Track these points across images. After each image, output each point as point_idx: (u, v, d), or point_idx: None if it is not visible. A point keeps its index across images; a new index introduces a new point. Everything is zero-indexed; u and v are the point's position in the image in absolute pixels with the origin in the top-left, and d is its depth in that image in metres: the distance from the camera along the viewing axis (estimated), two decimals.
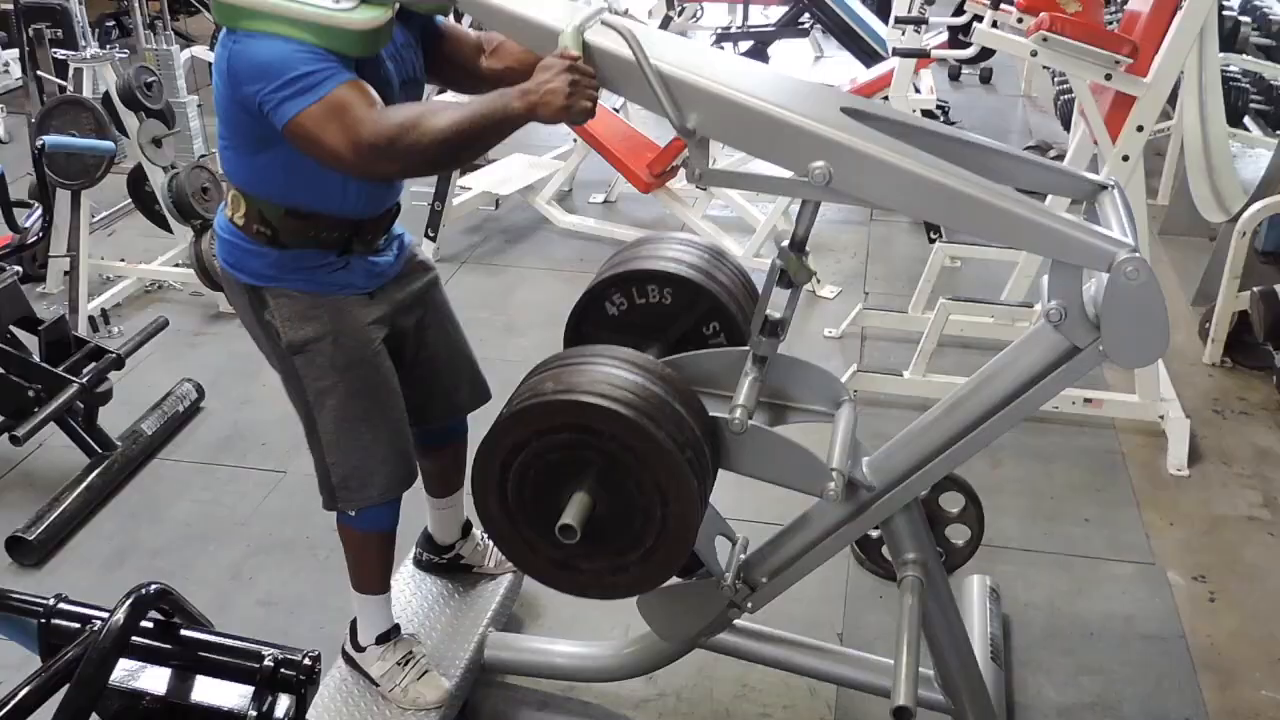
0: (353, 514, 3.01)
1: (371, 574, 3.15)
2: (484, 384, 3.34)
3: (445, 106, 2.50)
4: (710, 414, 2.54)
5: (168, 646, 2.14)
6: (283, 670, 2.05)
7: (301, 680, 2.06)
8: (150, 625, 2.13)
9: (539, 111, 2.37)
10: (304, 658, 2.07)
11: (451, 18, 3.02)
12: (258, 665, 2.06)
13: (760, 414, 2.72)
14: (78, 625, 2.11)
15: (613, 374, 2.44)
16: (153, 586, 2.09)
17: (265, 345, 2.94)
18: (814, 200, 2.47)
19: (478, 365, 3.31)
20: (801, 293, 2.64)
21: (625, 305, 2.96)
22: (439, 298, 3.19)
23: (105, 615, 2.03)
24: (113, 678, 2.00)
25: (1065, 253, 2.27)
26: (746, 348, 2.65)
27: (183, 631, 2.17)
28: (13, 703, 1.90)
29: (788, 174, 2.37)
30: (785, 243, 2.53)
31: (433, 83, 3.02)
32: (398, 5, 2.62)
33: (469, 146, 2.50)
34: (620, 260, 3.03)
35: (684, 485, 2.36)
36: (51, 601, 2.16)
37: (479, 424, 3.42)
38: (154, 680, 2.14)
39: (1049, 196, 3.80)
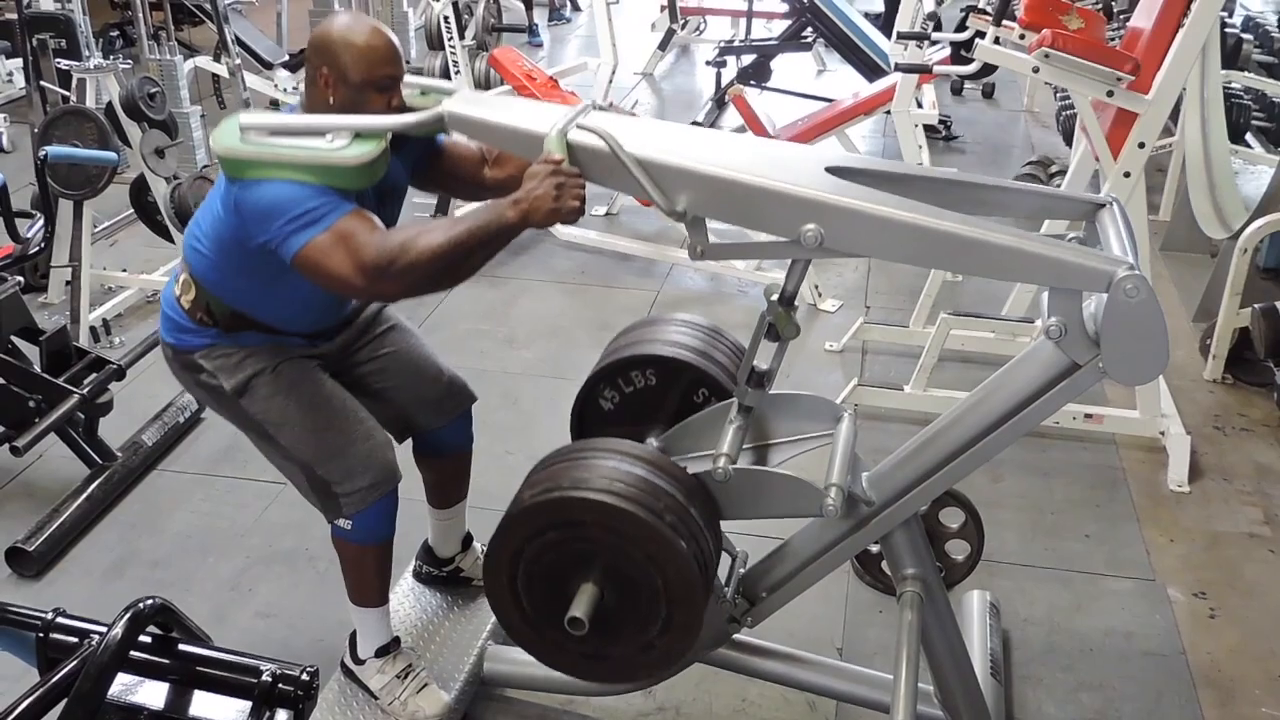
0: (348, 527, 3.01)
1: (369, 587, 3.15)
2: (460, 384, 3.36)
3: (443, 224, 2.58)
4: (692, 471, 2.60)
5: (166, 661, 2.15)
6: (281, 685, 2.06)
7: (299, 695, 2.06)
8: (148, 640, 2.13)
9: (531, 218, 2.50)
10: (302, 673, 2.08)
11: None
12: (255, 680, 2.07)
13: (757, 456, 2.81)
14: (76, 639, 2.12)
15: (582, 464, 2.54)
16: (151, 601, 2.09)
17: (214, 404, 3.07)
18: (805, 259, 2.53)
19: (444, 368, 3.33)
20: (795, 339, 2.69)
21: (617, 398, 3.07)
22: (384, 322, 3.27)
23: (103, 630, 2.04)
24: (111, 692, 2.00)
25: (1063, 279, 2.28)
26: (732, 400, 2.75)
27: (181, 646, 2.18)
28: (11, 716, 1.90)
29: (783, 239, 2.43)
30: (775, 297, 2.59)
31: (441, 194, 3.10)
32: (390, 135, 2.70)
33: (468, 260, 2.58)
34: (606, 355, 3.13)
35: (671, 551, 2.40)
36: (50, 615, 2.17)
37: (483, 434, 3.46)
38: (152, 695, 2.14)
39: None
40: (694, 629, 2.51)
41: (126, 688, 2.11)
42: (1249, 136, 6.38)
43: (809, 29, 8.98)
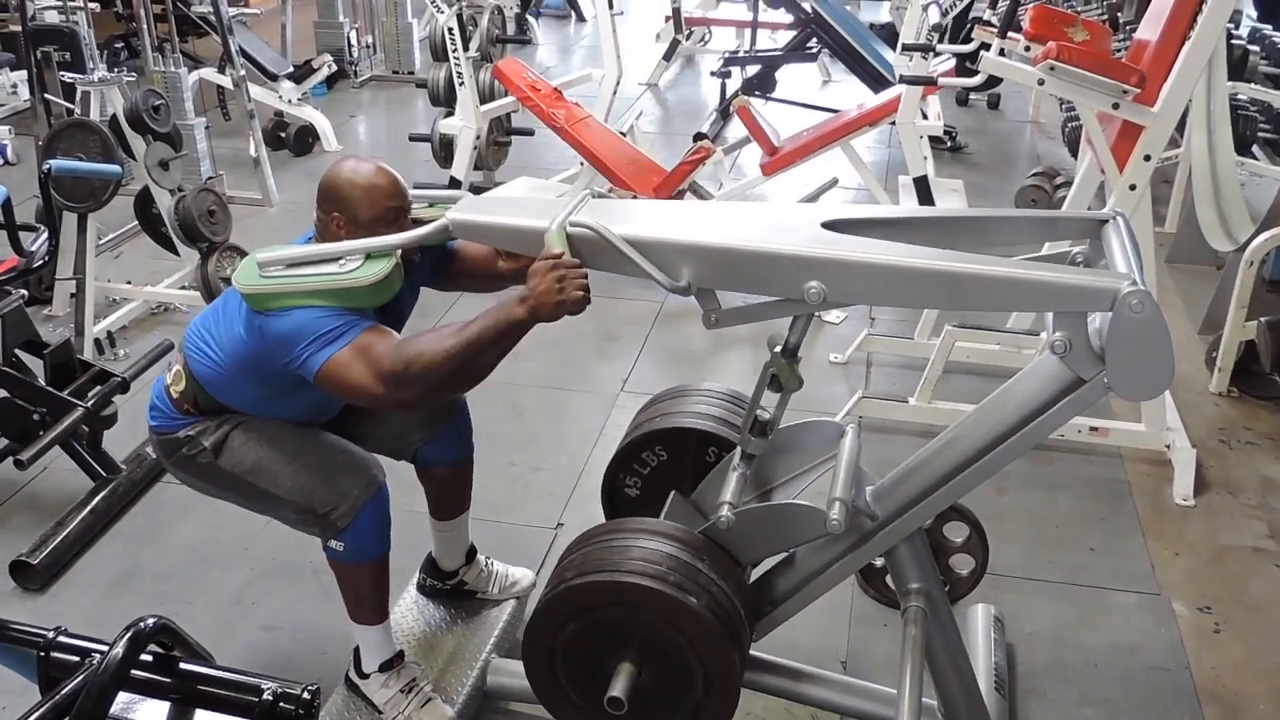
0: (341, 549, 3.03)
1: (366, 605, 3.16)
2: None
3: (455, 326, 2.68)
4: (698, 529, 2.69)
5: (167, 680, 2.14)
6: (281, 704, 2.05)
7: (300, 714, 2.05)
8: (150, 658, 2.13)
9: (539, 313, 2.61)
10: (303, 691, 2.07)
11: None
12: (257, 699, 2.06)
13: (766, 499, 2.90)
14: (77, 658, 2.11)
15: (584, 551, 2.67)
16: (152, 620, 2.09)
17: (197, 476, 3.14)
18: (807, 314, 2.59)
19: None
20: (798, 391, 2.74)
21: (639, 482, 3.23)
22: None
23: (105, 648, 2.03)
24: (112, 711, 1.99)
25: (1068, 303, 2.30)
26: (737, 450, 2.85)
27: (182, 665, 2.17)
28: None
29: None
30: (778, 349, 2.66)
31: (465, 291, 3.21)
32: (400, 253, 2.79)
33: (481, 358, 2.69)
34: (619, 448, 3.27)
35: (683, 609, 2.48)
36: (51, 634, 2.16)
37: (486, 446, 3.46)
38: (153, 714, 2.14)
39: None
40: (734, 678, 2.57)
41: (127, 707, 2.11)
42: (1255, 148, 6.36)
43: (814, 40, 8.99)
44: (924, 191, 5.97)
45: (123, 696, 2.08)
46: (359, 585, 3.12)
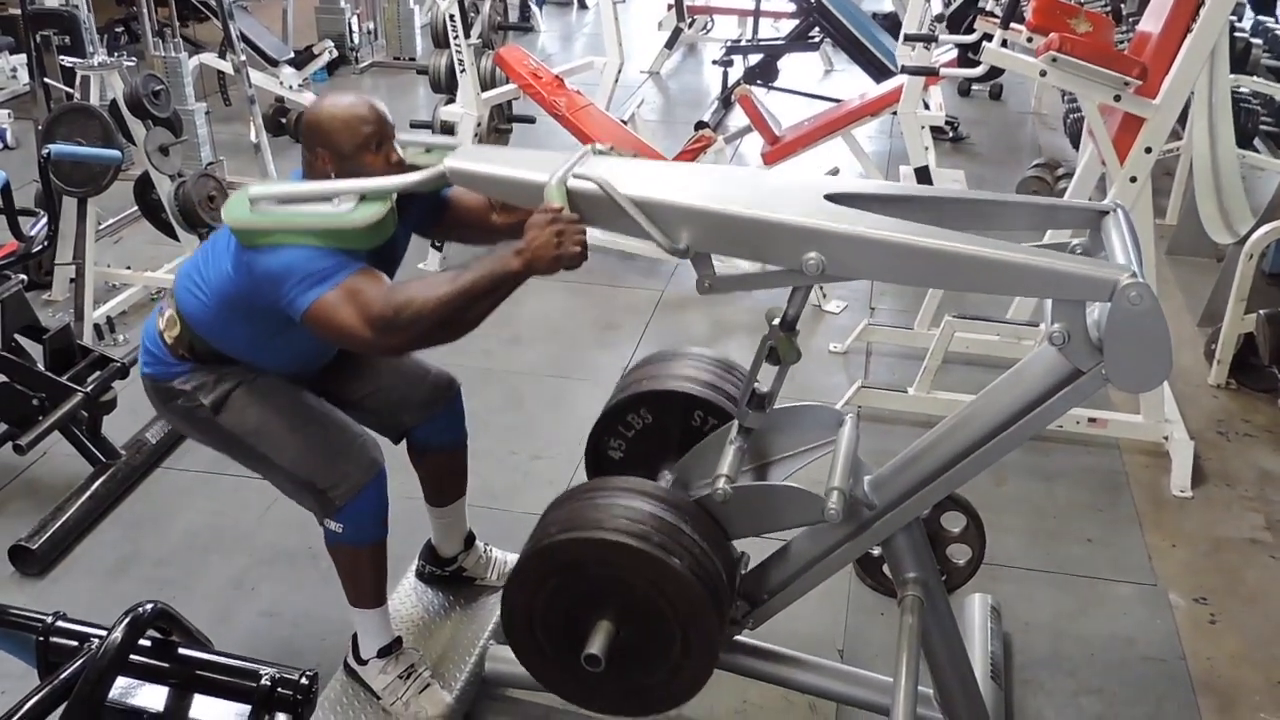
0: (339, 530, 3.02)
1: (365, 589, 3.16)
2: (445, 378, 3.39)
3: (448, 275, 2.64)
4: (698, 496, 2.66)
5: (165, 665, 2.15)
6: (279, 689, 2.07)
7: (298, 699, 2.06)
8: (148, 643, 2.13)
9: (535, 266, 2.57)
10: (301, 676, 2.08)
11: None
12: (254, 684, 2.07)
13: (759, 476, 2.87)
14: (76, 643, 2.12)
15: (566, 507, 2.64)
16: (151, 605, 2.09)
17: (194, 429, 3.13)
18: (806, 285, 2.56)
19: (428, 365, 3.37)
20: (796, 363, 2.71)
21: (622, 445, 3.17)
22: None
23: (104, 633, 2.04)
24: (111, 695, 2.00)
25: (1066, 291, 2.29)
26: (733, 422, 2.81)
27: (180, 650, 2.18)
28: (14, 719, 1.91)
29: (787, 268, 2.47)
30: (776, 321, 2.63)
31: (454, 242, 3.16)
32: (395, 196, 2.75)
33: (472, 309, 2.64)
34: (604, 409, 3.21)
35: (665, 570, 2.46)
36: (50, 619, 2.17)
37: (486, 435, 3.46)
38: (152, 698, 2.15)
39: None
40: (713, 642, 2.56)
41: (126, 691, 2.12)
42: (1257, 141, 6.37)
43: (816, 29, 8.98)
44: (925, 182, 5.98)
45: (121, 681, 2.09)
46: (357, 569, 3.12)
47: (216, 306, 2.89)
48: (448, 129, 6.87)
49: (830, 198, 2.49)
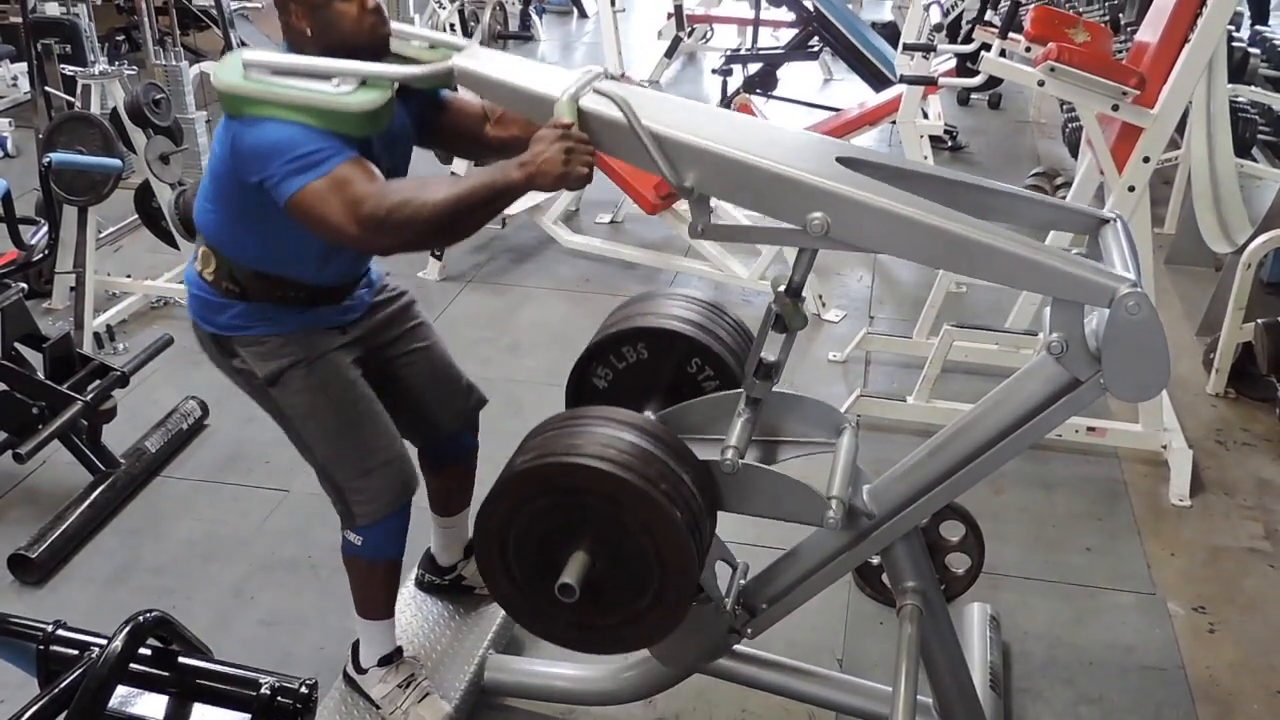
0: (358, 542, 3.02)
1: (375, 601, 3.16)
2: (476, 390, 3.37)
3: (445, 180, 2.56)
4: (702, 458, 2.57)
5: (165, 674, 2.15)
6: (279, 698, 2.06)
7: (298, 708, 2.06)
8: (148, 652, 2.13)
9: (537, 181, 2.46)
10: (301, 685, 2.08)
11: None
12: (254, 693, 2.07)
13: (760, 452, 2.79)
14: (76, 651, 2.12)
15: (576, 430, 2.51)
16: (151, 614, 2.10)
17: (243, 387, 3.02)
18: (811, 248, 2.50)
19: (463, 375, 3.34)
20: (797, 334, 2.66)
21: (610, 374, 3.04)
22: (414, 317, 3.25)
23: (103, 642, 2.04)
24: (110, 705, 2.00)
25: (1065, 290, 2.27)
26: (740, 391, 2.72)
27: (180, 659, 2.18)
28: None
29: (788, 225, 2.41)
30: (782, 288, 2.57)
31: (440, 150, 3.04)
32: (397, 85, 2.67)
33: (468, 218, 2.55)
34: (597, 334, 3.10)
35: (667, 521, 2.38)
36: (50, 627, 2.17)
37: (488, 442, 3.46)
38: (151, 707, 2.15)
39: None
40: (683, 605, 2.50)
41: (126, 700, 2.12)
42: (1255, 151, 6.38)
43: (815, 38, 9.00)
44: None
45: (121, 690, 2.09)
46: (369, 582, 3.13)
47: (223, 207, 2.80)
48: None
49: (843, 161, 2.45)
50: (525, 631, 3.49)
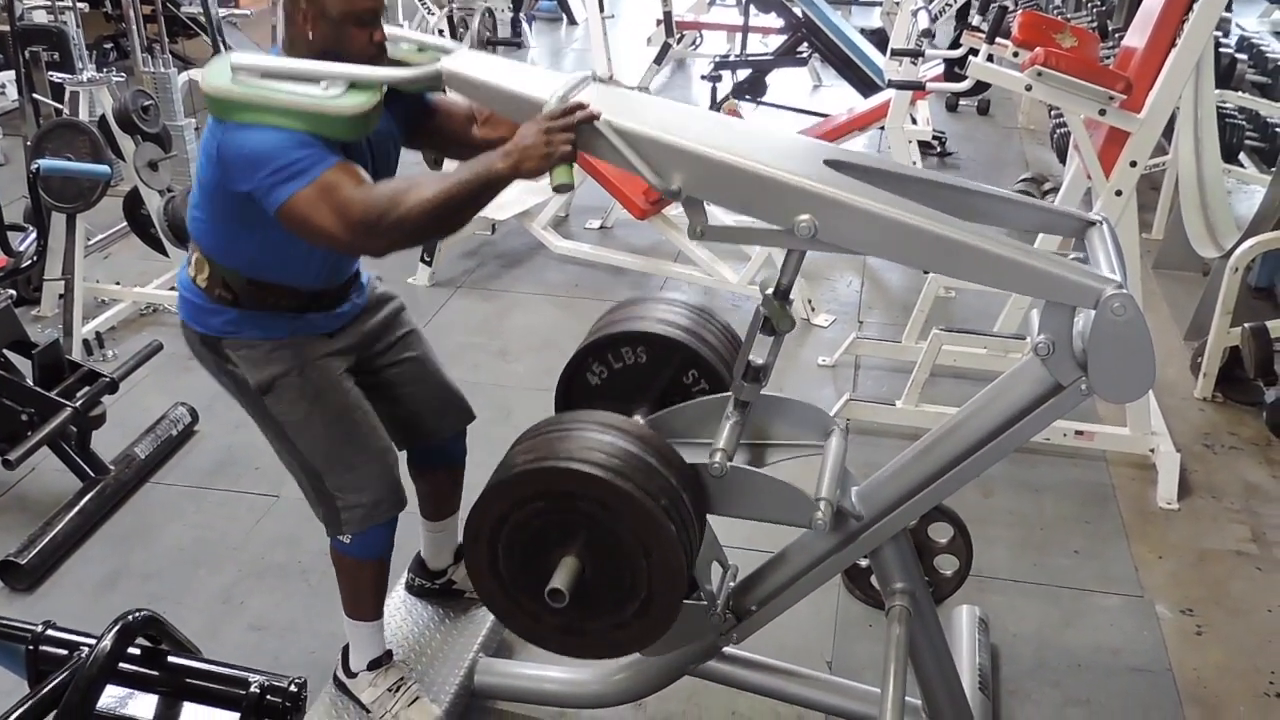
0: (347, 541, 3.02)
1: (364, 601, 3.15)
2: (463, 401, 3.37)
3: (431, 178, 2.54)
4: (689, 461, 2.58)
5: (154, 673, 2.16)
6: (269, 697, 2.07)
7: (287, 707, 2.07)
8: (138, 652, 2.14)
9: (523, 167, 2.47)
10: (289, 684, 2.09)
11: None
12: (244, 692, 2.08)
13: (749, 455, 2.81)
14: (65, 651, 2.12)
15: (574, 436, 2.51)
16: (140, 613, 2.10)
17: (234, 393, 3.02)
18: (799, 250, 2.50)
19: (452, 383, 3.34)
20: (786, 339, 2.67)
21: (605, 373, 3.04)
22: (404, 325, 3.25)
23: (93, 642, 2.04)
24: (100, 704, 2.01)
25: (1051, 292, 2.28)
26: (728, 394, 2.72)
27: (169, 658, 2.18)
28: None
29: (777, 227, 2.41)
30: (770, 290, 2.58)
31: (428, 152, 3.03)
32: (385, 88, 2.67)
33: (457, 213, 2.56)
34: (596, 329, 3.10)
35: (661, 533, 2.39)
36: (39, 628, 2.17)
37: (477, 448, 3.46)
38: (141, 706, 2.15)
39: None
40: (671, 614, 2.51)
41: (116, 699, 2.12)
42: (1242, 156, 6.40)
43: (804, 44, 9.01)
44: None
45: (111, 690, 2.09)
46: (359, 581, 3.12)
47: (214, 215, 2.77)
48: None
49: (830, 163, 2.46)
50: (515, 635, 3.51)
